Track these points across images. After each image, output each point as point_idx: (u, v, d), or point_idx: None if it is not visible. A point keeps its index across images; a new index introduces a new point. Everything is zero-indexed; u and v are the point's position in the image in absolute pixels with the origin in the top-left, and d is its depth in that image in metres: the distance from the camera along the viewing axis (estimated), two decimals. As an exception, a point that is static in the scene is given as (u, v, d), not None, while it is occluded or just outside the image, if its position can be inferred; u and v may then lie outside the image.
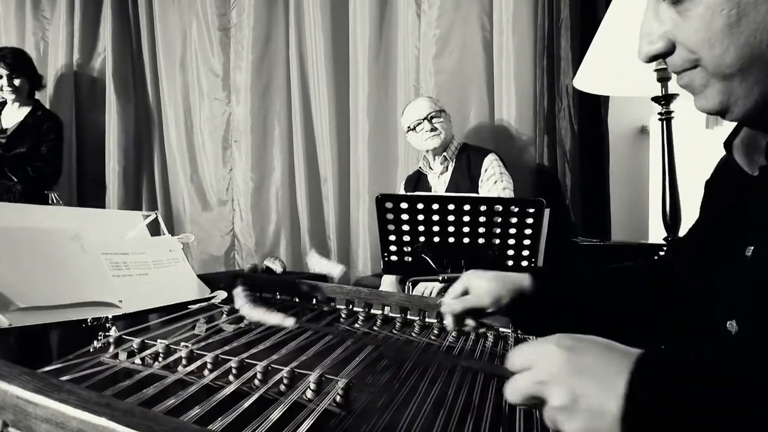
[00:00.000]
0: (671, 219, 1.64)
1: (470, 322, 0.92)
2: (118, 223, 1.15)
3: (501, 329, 1.01)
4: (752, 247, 0.56)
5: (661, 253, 1.81)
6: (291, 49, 3.38)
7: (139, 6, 3.78)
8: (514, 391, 0.50)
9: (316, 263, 2.96)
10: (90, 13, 3.85)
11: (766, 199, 0.56)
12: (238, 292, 0.79)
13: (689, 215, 1.73)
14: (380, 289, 2.40)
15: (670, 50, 0.58)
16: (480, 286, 0.89)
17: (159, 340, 0.77)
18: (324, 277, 2.85)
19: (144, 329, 0.88)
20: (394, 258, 1.84)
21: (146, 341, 0.77)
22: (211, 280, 1.23)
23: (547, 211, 1.71)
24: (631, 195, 2.80)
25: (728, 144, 0.65)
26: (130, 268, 1.07)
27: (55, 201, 2.53)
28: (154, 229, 1.24)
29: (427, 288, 2.19)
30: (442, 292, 2.13)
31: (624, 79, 1.92)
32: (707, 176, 0.77)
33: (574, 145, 2.64)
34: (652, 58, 0.60)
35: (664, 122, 1.72)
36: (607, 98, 2.59)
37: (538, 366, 0.48)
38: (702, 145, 2.11)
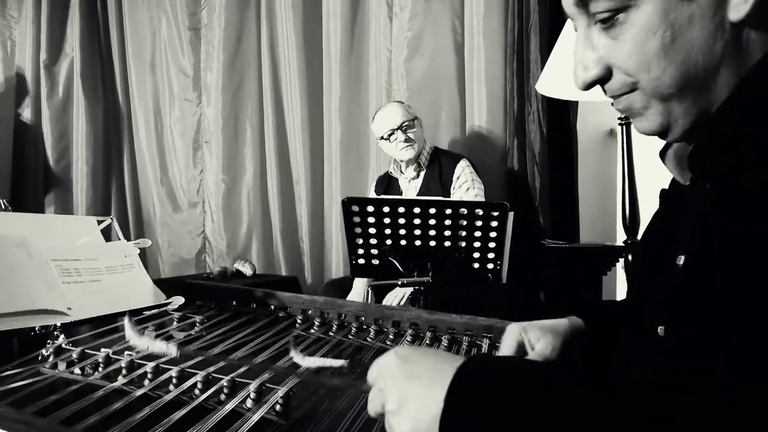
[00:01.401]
0: (630, 222, 1.66)
1: None
2: (71, 228, 1.13)
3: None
4: (683, 256, 0.57)
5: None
6: (263, 50, 3.36)
7: (107, 5, 3.73)
8: (369, 403, 0.53)
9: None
10: (57, 13, 3.78)
11: (694, 210, 0.58)
12: (126, 323, 0.79)
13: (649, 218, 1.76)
14: (352, 291, 2.40)
15: (606, 75, 0.58)
16: (538, 338, 0.78)
17: (102, 349, 0.76)
18: (283, 285, 2.83)
19: (91, 337, 0.87)
20: (361, 261, 1.84)
21: (87, 350, 0.76)
22: (171, 285, 1.21)
23: (511, 215, 1.73)
24: (600, 197, 2.84)
25: (662, 155, 0.66)
26: (81, 274, 1.05)
27: (3, 207, 2.47)
28: (109, 235, 1.22)
29: (397, 296, 2.20)
30: (410, 301, 2.13)
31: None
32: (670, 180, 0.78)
33: (543, 148, 2.67)
34: (589, 85, 0.59)
35: (625, 126, 1.75)
36: (576, 102, 2.62)
37: (380, 376, 0.52)
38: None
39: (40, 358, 0.82)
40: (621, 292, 2.57)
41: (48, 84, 3.79)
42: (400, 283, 1.66)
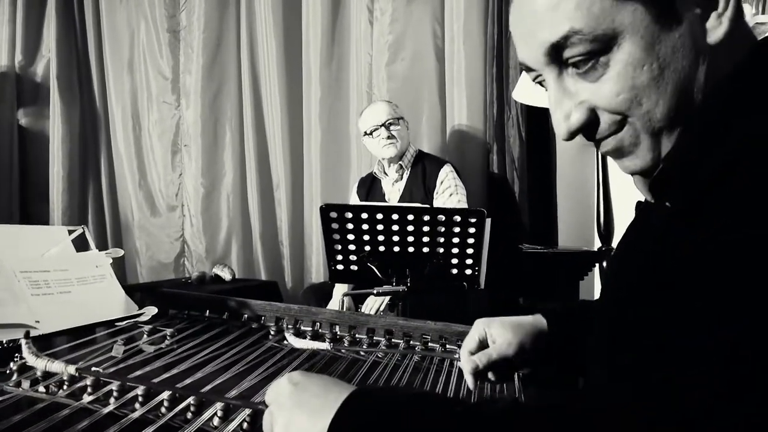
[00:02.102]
0: (605, 230, 1.68)
1: (492, 378, 0.82)
2: (40, 239, 1.11)
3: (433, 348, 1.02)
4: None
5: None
6: (242, 53, 3.34)
7: (84, 6, 3.66)
8: (263, 424, 0.56)
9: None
10: (33, 13, 3.71)
11: (655, 229, 0.58)
12: (22, 344, 0.79)
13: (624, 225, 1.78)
14: (333, 297, 2.40)
15: (591, 119, 0.55)
16: (500, 334, 0.80)
17: (67, 366, 0.75)
18: (263, 289, 2.81)
19: (58, 352, 0.85)
20: (340, 267, 1.85)
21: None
22: (145, 291, 1.20)
23: (488, 221, 1.74)
24: (578, 202, 2.87)
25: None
26: (51, 286, 1.04)
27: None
28: (82, 244, 1.20)
29: (376, 303, 2.20)
30: (389, 306, 2.14)
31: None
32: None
33: (522, 152, 2.70)
34: (574, 134, 0.56)
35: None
36: (554, 107, 2.64)
37: (272, 401, 0.55)
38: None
39: (8, 371, 0.81)
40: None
41: (23, 86, 3.72)
42: (375, 292, 1.66)
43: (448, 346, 1.02)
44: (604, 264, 1.82)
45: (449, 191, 2.42)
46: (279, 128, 3.24)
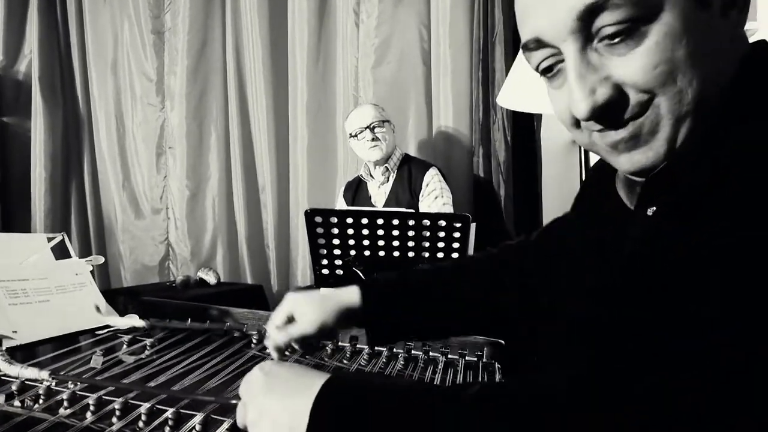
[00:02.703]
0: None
1: (298, 349, 0.88)
2: (19, 247, 1.10)
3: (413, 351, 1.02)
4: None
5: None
6: (228, 55, 3.32)
7: (68, 5, 3.61)
8: (236, 416, 0.56)
9: None
10: (15, 13, 3.64)
11: (631, 238, 0.57)
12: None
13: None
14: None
15: (617, 97, 0.50)
16: (304, 313, 0.82)
17: (45, 380, 0.74)
18: (248, 293, 2.80)
19: (36, 363, 0.84)
20: (325, 271, 1.84)
21: (26, 382, 0.74)
22: (128, 296, 1.19)
23: (473, 226, 1.74)
24: (562, 205, 2.86)
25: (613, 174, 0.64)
26: (29, 295, 1.02)
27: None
28: (61, 251, 1.19)
29: None
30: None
31: (545, 95, 1.97)
32: None
33: (507, 156, 2.71)
34: (597, 110, 0.51)
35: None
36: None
37: (245, 391, 0.55)
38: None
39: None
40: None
41: (4, 86, 3.67)
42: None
43: (431, 353, 1.02)
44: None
45: (434, 194, 2.43)
46: (265, 130, 3.22)
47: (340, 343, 1.05)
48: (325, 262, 1.82)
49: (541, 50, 0.54)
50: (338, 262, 1.81)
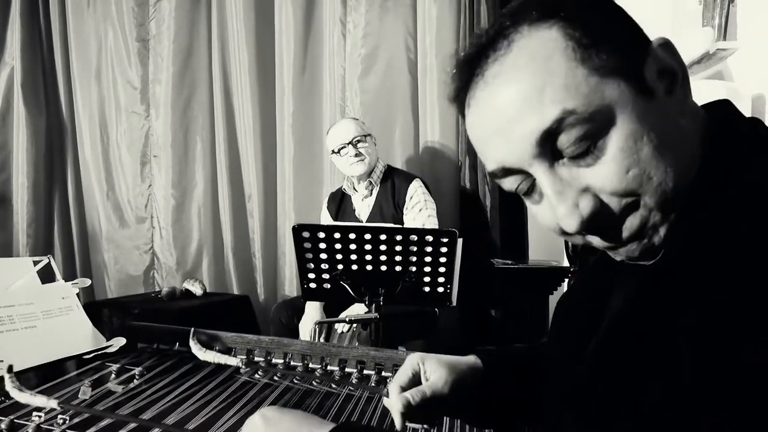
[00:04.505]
0: (572, 252, 1.72)
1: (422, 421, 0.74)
2: (4, 271, 1.09)
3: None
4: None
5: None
6: (214, 64, 3.31)
7: (50, 12, 3.57)
8: None
9: None
10: (-4, 19, 3.61)
11: (625, 289, 0.56)
12: None
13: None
14: (305, 315, 2.39)
15: (601, 206, 0.49)
16: (436, 370, 0.72)
17: (34, 414, 0.73)
18: (234, 304, 2.79)
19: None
20: (313, 285, 1.85)
21: (16, 420, 0.73)
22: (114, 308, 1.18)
23: (459, 240, 1.76)
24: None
25: None
26: (15, 321, 1.01)
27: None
28: (47, 273, 1.18)
29: (347, 325, 2.21)
30: (362, 325, 2.14)
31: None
32: None
33: (493, 166, 2.73)
34: (587, 222, 0.50)
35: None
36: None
37: None
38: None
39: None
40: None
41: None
42: (347, 320, 1.68)
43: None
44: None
45: (419, 206, 2.43)
46: (251, 139, 3.22)
47: (329, 367, 1.05)
48: (312, 276, 1.83)
49: (510, 177, 0.54)
50: (326, 276, 1.81)
